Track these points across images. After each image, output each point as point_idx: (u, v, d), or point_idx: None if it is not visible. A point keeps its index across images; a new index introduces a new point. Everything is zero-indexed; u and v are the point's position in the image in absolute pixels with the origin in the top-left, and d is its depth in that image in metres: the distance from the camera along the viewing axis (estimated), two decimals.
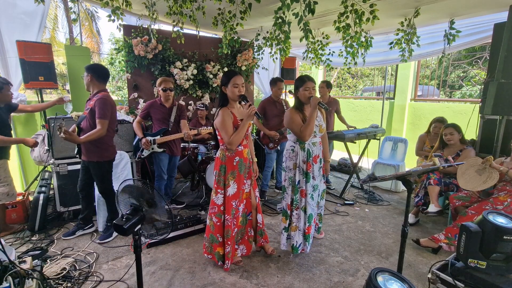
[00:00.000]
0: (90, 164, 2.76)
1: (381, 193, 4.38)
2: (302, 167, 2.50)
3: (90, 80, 2.68)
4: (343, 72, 11.99)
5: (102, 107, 2.59)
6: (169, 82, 3.36)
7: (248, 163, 2.42)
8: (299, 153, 2.49)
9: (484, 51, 6.26)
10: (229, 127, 2.22)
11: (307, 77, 2.49)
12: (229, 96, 2.28)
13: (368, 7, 2.75)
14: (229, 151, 2.31)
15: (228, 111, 2.25)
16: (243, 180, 2.39)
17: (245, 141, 2.38)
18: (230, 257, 2.41)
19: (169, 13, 2.91)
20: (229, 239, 2.37)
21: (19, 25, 3.61)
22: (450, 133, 3.19)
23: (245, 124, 2.23)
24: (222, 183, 2.34)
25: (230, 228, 2.36)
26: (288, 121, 2.50)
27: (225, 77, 2.28)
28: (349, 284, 2.29)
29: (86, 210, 3.03)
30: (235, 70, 2.39)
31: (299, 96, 2.50)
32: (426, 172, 2.20)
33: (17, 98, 3.67)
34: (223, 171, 2.32)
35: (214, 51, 4.80)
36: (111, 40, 15.87)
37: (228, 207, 2.35)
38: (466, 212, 2.62)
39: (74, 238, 2.96)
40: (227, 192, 2.33)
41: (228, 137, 2.21)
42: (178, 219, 3.16)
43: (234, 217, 2.38)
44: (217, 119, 2.26)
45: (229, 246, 2.37)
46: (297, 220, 2.54)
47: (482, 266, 1.58)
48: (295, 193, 2.52)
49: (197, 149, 4.23)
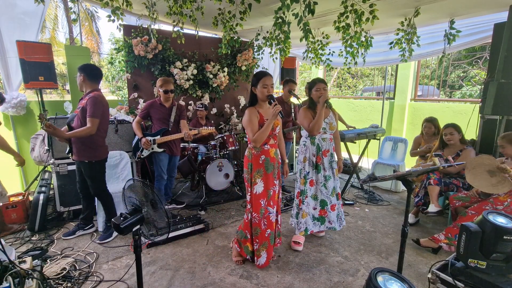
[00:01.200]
0: (81, 164, 2.76)
1: (381, 193, 4.38)
2: (312, 160, 2.75)
3: (82, 80, 2.69)
4: (343, 72, 11.99)
5: (94, 105, 2.59)
6: (170, 84, 3.36)
7: (276, 163, 2.45)
8: (309, 147, 2.77)
9: (484, 51, 6.25)
10: (254, 125, 2.29)
11: (318, 79, 2.76)
12: (258, 96, 2.34)
13: (368, 7, 2.75)
14: (255, 149, 2.36)
15: (254, 110, 2.32)
16: (272, 180, 2.41)
17: (273, 140, 2.42)
18: (260, 255, 2.43)
19: (169, 13, 2.91)
20: (258, 237, 2.40)
21: (19, 25, 3.61)
22: (450, 133, 3.19)
23: (270, 122, 2.26)
24: (249, 181, 2.40)
25: (259, 226, 2.39)
26: (301, 118, 2.77)
27: (255, 77, 2.34)
28: (349, 284, 2.29)
29: (86, 210, 3.03)
30: (264, 71, 2.43)
31: (312, 96, 2.77)
32: (426, 172, 2.20)
33: (17, 98, 3.68)
34: (250, 169, 2.39)
35: (214, 51, 4.81)
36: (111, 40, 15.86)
37: (256, 205, 2.38)
38: (466, 212, 2.62)
39: (74, 238, 2.96)
40: (253, 190, 2.37)
41: (252, 135, 2.28)
42: (178, 219, 3.16)
43: (263, 216, 2.39)
44: (244, 117, 2.35)
45: (257, 243, 2.41)
46: (307, 207, 2.77)
47: (482, 266, 1.57)
48: (305, 183, 2.78)
49: (197, 149, 4.23)
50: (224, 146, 4.08)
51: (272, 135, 2.37)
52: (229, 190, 4.26)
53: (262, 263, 2.44)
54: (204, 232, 3.10)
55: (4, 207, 3.15)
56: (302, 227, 2.77)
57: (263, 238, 2.41)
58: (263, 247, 2.43)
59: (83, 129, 2.57)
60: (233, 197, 4.13)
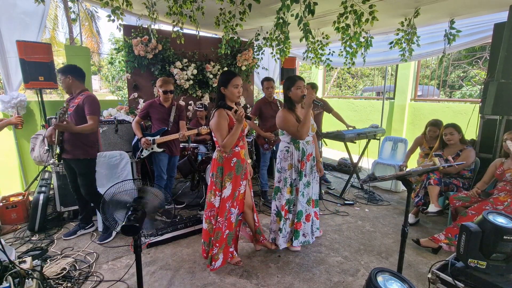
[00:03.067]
0: (74, 162, 2.76)
1: (381, 193, 4.38)
2: (297, 166, 2.57)
3: (71, 82, 2.72)
4: (343, 72, 11.99)
5: (92, 104, 2.67)
6: (170, 84, 3.36)
7: (245, 164, 2.40)
8: (294, 153, 2.55)
9: (484, 51, 6.25)
10: (223, 130, 2.18)
11: (297, 77, 2.54)
12: (228, 97, 2.26)
13: (367, 8, 2.75)
14: (226, 152, 2.28)
15: (224, 112, 2.21)
16: (240, 181, 2.37)
17: (242, 142, 2.36)
18: (218, 258, 2.38)
19: (169, 13, 2.91)
20: (218, 241, 2.35)
21: (19, 25, 3.61)
22: (450, 133, 3.19)
23: (237, 128, 2.18)
24: (220, 185, 2.32)
25: (220, 230, 2.34)
26: (282, 122, 2.51)
27: (223, 77, 2.24)
28: (349, 284, 2.29)
29: (84, 210, 3.02)
30: (232, 70, 2.37)
31: (291, 96, 2.53)
32: (426, 172, 2.20)
33: (17, 98, 3.68)
34: (221, 173, 2.30)
35: (214, 51, 4.80)
36: (111, 40, 15.87)
37: (222, 208, 2.32)
38: (466, 212, 2.62)
39: (75, 238, 2.96)
40: (222, 194, 2.31)
41: (221, 140, 2.18)
42: (178, 219, 3.16)
43: (226, 218, 2.36)
44: (212, 120, 2.22)
45: (216, 248, 2.35)
46: (293, 216, 2.65)
47: (482, 266, 1.58)
48: (292, 193, 2.61)
49: (197, 149, 4.23)
50: None
51: (241, 137, 2.30)
52: None
53: (217, 265, 2.39)
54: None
55: (4, 207, 3.15)
56: (289, 236, 2.68)
57: (222, 240, 2.37)
58: (221, 249, 2.38)
59: (88, 125, 2.62)
60: None
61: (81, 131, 2.61)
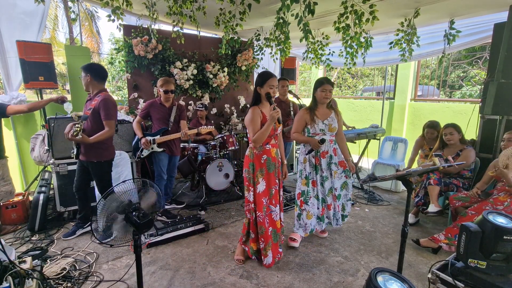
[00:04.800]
0: (89, 164, 2.76)
1: (381, 193, 4.38)
2: (312, 161, 2.77)
3: (89, 80, 2.67)
4: (343, 72, 11.99)
5: (108, 108, 2.60)
6: (171, 84, 3.36)
7: (277, 163, 2.46)
8: (308, 149, 2.76)
9: (484, 51, 6.25)
10: (256, 125, 2.29)
11: (326, 80, 2.70)
12: (263, 96, 2.35)
13: (368, 7, 2.75)
14: (257, 149, 2.37)
15: (258, 109, 2.33)
16: (274, 179, 2.43)
17: (274, 140, 2.43)
18: (267, 254, 2.44)
19: (169, 13, 2.91)
20: (263, 235, 2.41)
21: (19, 25, 3.61)
22: (450, 133, 3.19)
23: (269, 124, 2.26)
24: (252, 180, 2.41)
25: (263, 225, 2.40)
26: (294, 120, 2.80)
27: (260, 78, 2.34)
28: (349, 284, 2.29)
29: (83, 210, 3.02)
30: (269, 71, 2.43)
31: (316, 95, 2.74)
32: (426, 172, 2.20)
33: (17, 98, 3.68)
34: (252, 169, 2.40)
35: (214, 51, 4.81)
36: (111, 40, 15.87)
37: (259, 204, 2.39)
38: (466, 213, 2.62)
39: (74, 238, 2.95)
40: (256, 189, 2.39)
41: (253, 134, 2.28)
42: (178, 219, 3.16)
43: (266, 214, 2.42)
44: (247, 116, 2.34)
45: (263, 242, 2.42)
46: (312, 208, 2.79)
47: (482, 266, 1.57)
48: (308, 184, 2.79)
49: (197, 149, 4.23)
50: (224, 146, 4.08)
51: (273, 135, 2.39)
52: (229, 190, 4.26)
53: (269, 262, 2.46)
54: (204, 232, 3.10)
55: (4, 207, 3.15)
56: (308, 228, 2.79)
57: (267, 237, 2.43)
58: (268, 246, 2.44)
59: (104, 132, 2.60)
60: (233, 197, 4.13)
61: (97, 140, 2.59)
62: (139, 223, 1.67)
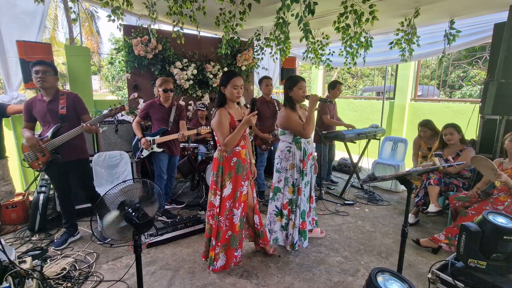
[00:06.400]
0: (78, 162, 2.73)
1: (381, 193, 4.38)
2: (299, 166, 2.57)
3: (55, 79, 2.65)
4: (343, 72, 11.99)
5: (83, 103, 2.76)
6: (170, 83, 3.36)
7: (246, 164, 2.40)
8: (296, 153, 2.57)
9: (484, 51, 6.25)
10: (225, 128, 2.21)
11: (299, 77, 2.59)
12: (228, 97, 2.28)
13: (367, 7, 2.75)
14: (227, 152, 2.29)
15: (225, 111, 2.24)
16: (241, 181, 2.36)
17: (243, 142, 2.36)
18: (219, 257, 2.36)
19: (169, 13, 2.91)
20: (219, 240, 2.34)
21: (19, 25, 3.60)
22: (450, 133, 3.19)
23: (241, 127, 2.21)
24: (220, 184, 2.32)
25: (221, 229, 2.33)
26: (286, 121, 2.53)
27: (224, 77, 2.27)
28: (349, 284, 2.29)
29: (71, 216, 2.90)
30: (234, 70, 2.38)
31: (292, 95, 2.56)
32: (426, 172, 2.20)
33: (17, 98, 3.67)
34: (221, 172, 2.31)
35: (214, 51, 4.80)
36: (111, 40, 15.86)
37: (222, 207, 2.32)
38: (466, 213, 2.62)
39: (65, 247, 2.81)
40: (222, 193, 2.32)
41: (223, 139, 2.20)
42: (178, 219, 3.16)
43: (226, 218, 2.35)
44: (214, 119, 2.25)
45: (218, 247, 2.34)
46: (295, 217, 2.62)
47: (482, 266, 1.58)
48: (294, 193, 2.60)
49: (197, 149, 4.23)
50: None
51: (242, 136, 2.30)
52: None
53: (219, 266, 2.35)
54: (204, 232, 3.09)
55: (4, 207, 3.15)
56: (293, 239, 2.63)
57: (223, 240, 2.35)
58: (222, 249, 2.36)
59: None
60: None
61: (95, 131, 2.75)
62: (138, 223, 1.67)
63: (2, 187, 3.00)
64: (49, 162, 2.61)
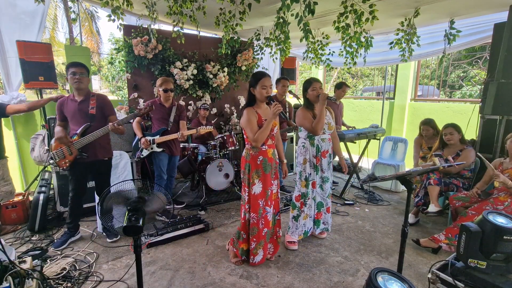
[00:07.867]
0: (102, 161, 2.81)
1: (381, 193, 4.38)
2: (313, 161, 2.73)
3: (88, 80, 2.76)
4: (343, 72, 11.99)
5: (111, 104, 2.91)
6: (170, 83, 3.36)
7: (274, 164, 2.45)
8: (309, 149, 2.74)
9: (484, 51, 6.25)
10: (253, 125, 2.29)
11: (313, 79, 2.73)
12: (257, 97, 2.34)
13: (367, 7, 2.75)
14: (253, 150, 2.36)
15: (253, 110, 2.32)
16: (270, 180, 2.42)
17: (270, 141, 2.42)
18: (257, 253, 2.45)
19: (169, 13, 2.91)
20: (255, 236, 2.41)
21: (19, 25, 3.60)
22: (450, 133, 3.19)
23: (269, 122, 2.27)
24: (247, 181, 2.41)
25: (257, 226, 2.40)
26: (300, 119, 2.71)
27: (253, 78, 2.33)
28: (349, 284, 2.29)
29: (77, 217, 2.91)
30: (263, 71, 2.44)
31: (308, 96, 2.72)
32: (426, 172, 2.20)
33: (17, 98, 3.67)
34: (248, 170, 2.39)
35: (214, 51, 4.81)
36: (111, 40, 15.86)
37: (255, 205, 2.39)
38: (466, 213, 2.62)
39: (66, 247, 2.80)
40: (252, 190, 2.38)
41: (252, 135, 2.27)
42: (178, 219, 3.16)
43: (261, 216, 2.41)
44: (242, 118, 2.34)
45: (254, 243, 2.42)
46: (309, 209, 2.80)
47: (482, 266, 1.58)
48: (307, 186, 2.75)
49: (197, 149, 4.23)
50: (224, 146, 4.08)
51: (270, 136, 2.37)
52: (229, 190, 4.25)
53: (258, 260, 2.46)
54: (204, 232, 3.10)
55: (4, 207, 3.15)
56: (302, 229, 2.79)
57: (260, 237, 2.43)
58: (259, 246, 2.44)
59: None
60: (233, 197, 4.13)
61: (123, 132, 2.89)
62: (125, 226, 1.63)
63: (2, 187, 3.00)
64: (75, 161, 2.67)
